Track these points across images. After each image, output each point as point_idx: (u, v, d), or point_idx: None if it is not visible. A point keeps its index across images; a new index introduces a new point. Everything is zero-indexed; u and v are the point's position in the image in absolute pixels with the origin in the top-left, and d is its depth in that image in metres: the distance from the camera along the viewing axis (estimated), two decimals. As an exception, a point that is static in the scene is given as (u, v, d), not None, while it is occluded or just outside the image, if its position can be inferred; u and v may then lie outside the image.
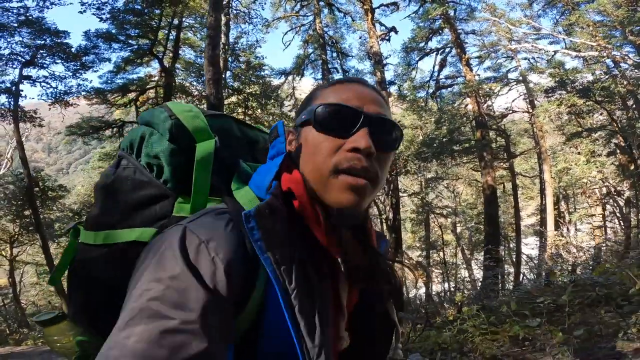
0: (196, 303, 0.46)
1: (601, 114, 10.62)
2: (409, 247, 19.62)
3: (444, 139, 12.28)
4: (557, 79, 12.24)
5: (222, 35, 10.39)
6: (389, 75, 16.41)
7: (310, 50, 13.71)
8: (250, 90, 12.09)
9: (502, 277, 14.95)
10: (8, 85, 10.32)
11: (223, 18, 10.27)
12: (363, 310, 0.66)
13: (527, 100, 16.47)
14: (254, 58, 12.82)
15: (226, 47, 10.91)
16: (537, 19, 14.36)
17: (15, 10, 9.80)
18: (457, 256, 18.94)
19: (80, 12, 9.31)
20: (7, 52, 10.31)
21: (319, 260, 0.58)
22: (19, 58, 10.37)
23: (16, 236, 15.40)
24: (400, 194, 15.75)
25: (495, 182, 11.31)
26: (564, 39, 13.25)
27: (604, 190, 13.85)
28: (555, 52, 13.65)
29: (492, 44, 14.78)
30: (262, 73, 13.24)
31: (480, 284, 10.99)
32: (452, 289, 14.30)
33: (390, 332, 0.70)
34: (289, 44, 13.75)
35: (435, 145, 11.78)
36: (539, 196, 18.32)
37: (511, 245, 17.43)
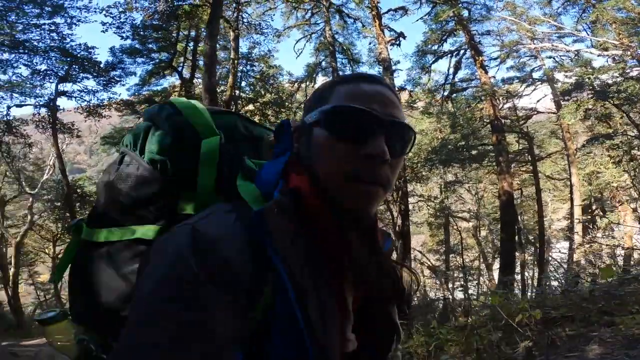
0: (207, 302, 0.46)
1: (621, 117, 10.01)
2: (429, 250, 19.32)
3: (458, 144, 12.06)
4: (578, 79, 11.66)
5: (232, 50, 10.88)
6: (400, 80, 16.24)
7: (322, 58, 13.93)
8: (265, 99, 12.50)
9: (524, 281, 14.43)
10: (46, 100, 11.40)
11: (232, 33, 10.76)
12: (365, 312, 0.65)
13: (553, 100, 15.76)
14: (268, 67, 13.23)
15: (235, 62, 11.35)
16: (557, 17, 13.68)
17: (46, 27, 10.76)
18: (480, 260, 18.42)
19: (103, 32, 10.10)
20: (43, 67, 11.35)
21: (326, 260, 0.57)
22: (55, 73, 11.39)
23: (59, 235, 16.86)
24: (417, 198, 15.60)
25: (512, 187, 10.98)
26: (587, 37, 12.58)
27: (636, 194, 13.00)
28: (578, 51, 12.99)
29: (512, 43, 14.27)
30: (277, 81, 13.63)
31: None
32: (469, 294, 13.96)
33: (392, 334, 0.68)
34: (301, 52, 14.04)
35: (445, 151, 11.58)
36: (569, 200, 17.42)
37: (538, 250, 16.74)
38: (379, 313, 0.66)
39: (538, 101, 16.62)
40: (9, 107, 11.44)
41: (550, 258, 14.81)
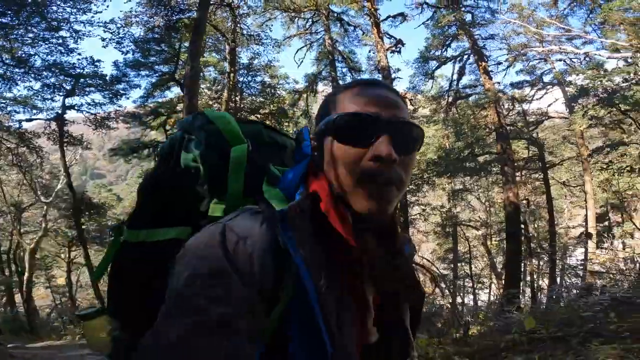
0: (234, 298, 0.49)
1: (630, 124, 9.53)
2: (439, 258, 18.95)
3: (462, 154, 11.76)
4: (583, 85, 11.21)
5: (227, 64, 10.96)
6: (402, 88, 16.02)
7: (322, 67, 13.87)
8: (267, 110, 12.56)
9: (533, 291, 13.92)
10: (55, 114, 11.81)
11: (227, 47, 10.86)
12: (380, 314, 0.67)
13: (565, 104, 15.19)
14: (271, 77, 13.30)
15: (231, 75, 11.44)
16: (564, 18, 13.17)
17: (54, 41, 11.14)
18: (490, 269, 17.92)
19: (103, 47, 10.39)
20: (52, 79, 11.76)
21: (343, 262, 0.59)
22: (63, 87, 11.79)
23: (73, 240, 17.45)
24: (423, 207, 15.32)
25: (518, 198, 10.63)
26: (596, 39, 12.05)
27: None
28: (587, 54, 12.48)
29: (520, 47, 13.85)
30: (279, 91, 13.68)
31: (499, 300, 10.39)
32: (475, 304, 13.60)
33: (404, 338, 0.70)
34: (302, 61, 14.07)
35: (444, 163, 11.30)
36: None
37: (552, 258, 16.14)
38: (392, 316, 0.68)
39: (549, 105, 16.08)
40: (20, 122, 11.90)
41: (562, 267, 14.31)
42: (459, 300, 16.10)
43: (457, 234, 16.79)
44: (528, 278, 15.21)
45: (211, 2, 9.03)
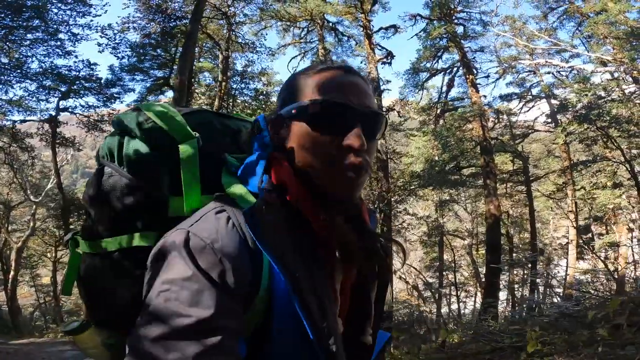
0: (210, 302, 0.49)
1: (606, 140, 9.92)
2: (426, 266, 19.22)
3: (447, 166, 12.09)
4: (574, 97, 11.52)
5: (220, 73, 11.19)
6: (392, 99, 16.35)
7: (316, 77, 14.12)
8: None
9: (514, 301, 14.23)
10: (49, 115, 11.90)
11: (220, 55, 11.10)
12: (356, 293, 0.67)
13: (550, 118, 15.61)
14: (267, 84, 13.56)
15: (223, 84, 11.67)
16: (553, 31, 13.57)
17: (53, 43, 11.27)
18: (475, 279, 18.24)
19: (99, 52, 10.55)
20: (48, 82, 11.86)
21: (315, 248, 0.59)
22: (59, 89, 11.89)
23: (61, 240, 17.37)
24: (409, 217, 15.60)
25: (499, 210, 10.96)
26: (582, 53, 12.45)
27: (634, 216, 12.82)
28: (572, 67, 12.92)
29: (510, 59, 14.26)
30: (272, 98, 13.93)
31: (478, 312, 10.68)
32: (459, 312, 13.87)
33: (368, 316, 0.70)
34: (295, 70, 14.32)
35: (426, 177, 11.60)
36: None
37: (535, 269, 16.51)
38: (361, 296, 0.68)
39: (536, 119, 16.52)
40: (14, 122, 11.96)
41: (546, 278, 14.66)
42: (445, 309, 16.41)
43: (444, 243, 17.09)
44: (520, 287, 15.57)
45: (204, 15, 9.26)
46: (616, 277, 12.03)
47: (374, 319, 0.71)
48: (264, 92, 13.22)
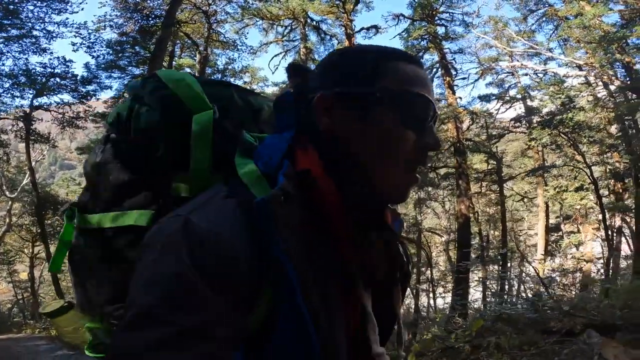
0: (202, 305, 0.43)
1: (570, 146, 10.39)
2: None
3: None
4: (549, 99, 11.86)
5: (197, 73, 11.17)
6: None
7: (295, 77, 14.21)
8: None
9: (485, 299, 14.84)
10: (23, 112, 11.71)
11: (198, 56, 11.09)
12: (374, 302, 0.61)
13: (525, 120, 16.10)
14: (243, 83, 13.58)
15: None
16: (532, 34, 13.87)
17: (27, 40, 11.08)
18: (452, 276, 18.84)
19: (74, 51, 10.43)
20: (23, 79, 11.67)
21: (330, 253, 0.53)
22: (33, 86, 11.70)
23: (37, 236, 17.16)
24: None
25: (469, 211, 11.39)
26: (556, 56, 12.82)
27: (600, 216, 13.46)
28: (545, 71, 13.33)
29: (488, 60, 14.61)
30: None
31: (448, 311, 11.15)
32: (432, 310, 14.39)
33: (392, 324, 0.66)
34: (277, 68, 14.42)
35: None
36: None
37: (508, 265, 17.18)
38: (384, 304, 0.63)
39: (511, 120, 17.01)
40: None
41: (520, 275, 15.30)
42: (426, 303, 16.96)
43: (422, 240, 17.57)
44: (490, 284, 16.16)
45: (184, 14, 9.20)
46: (578, 276, 12.66)
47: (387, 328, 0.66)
48: (249, 88, 13.25)
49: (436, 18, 13.98)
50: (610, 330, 2.90)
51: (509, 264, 16.32)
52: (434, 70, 14.52)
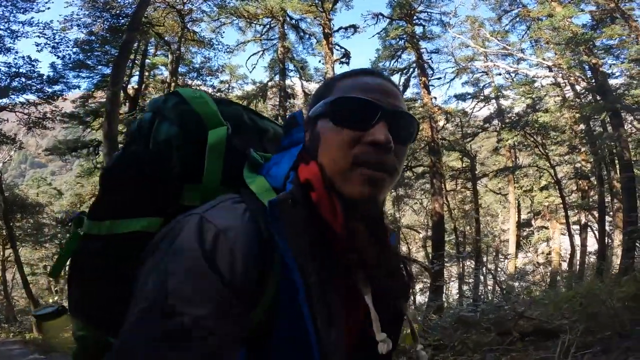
0: (212, 297, 0.45)
1: (536, 146, 10.77)
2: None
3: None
4: (520, 99, 12.14)
5: (168, 74, 10.98)
6: None
7: (274, 75, 14.17)
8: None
9: (461, 295, 15.28)
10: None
11: (170, 56, 10.87)
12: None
13: (497, 119, 16.58)
14: (219, 82, 13.43)
15: (171, 85, 11.42)
16: (505, 34, 14.17)
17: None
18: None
19: (38, 51, 10.04)
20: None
21: (335, 256, 0.57)
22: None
23: (6, 239, 16.53)
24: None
25: (443, 209, 11.68)
26: (526, 56, 13.15)
27: (569, 213, 14.06)
28: (516, 71, 13.70)
29: (464, 60, 14.89)
30: (231, 93, 13.81)
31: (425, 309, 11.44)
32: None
33: (399, 329, 0.69)
34: (254, 67, 14.28)
35: None
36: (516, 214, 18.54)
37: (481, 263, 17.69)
38: (387, 312, 0.64)
39: (485, 119, 17.48)
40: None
41: (494, 271, 15.80)
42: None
43: (400, 237, 17.88)
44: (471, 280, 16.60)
45: (156, 12, 8.95)
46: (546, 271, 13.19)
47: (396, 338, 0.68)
48: (221, 90, 13.07)
49: (415, 17, 14.15)
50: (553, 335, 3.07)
51: (484, 259, 16.85)
52: (410, 70, 14.74)
